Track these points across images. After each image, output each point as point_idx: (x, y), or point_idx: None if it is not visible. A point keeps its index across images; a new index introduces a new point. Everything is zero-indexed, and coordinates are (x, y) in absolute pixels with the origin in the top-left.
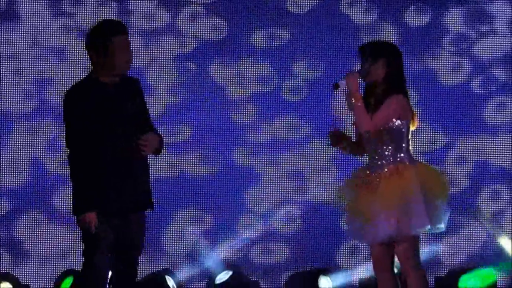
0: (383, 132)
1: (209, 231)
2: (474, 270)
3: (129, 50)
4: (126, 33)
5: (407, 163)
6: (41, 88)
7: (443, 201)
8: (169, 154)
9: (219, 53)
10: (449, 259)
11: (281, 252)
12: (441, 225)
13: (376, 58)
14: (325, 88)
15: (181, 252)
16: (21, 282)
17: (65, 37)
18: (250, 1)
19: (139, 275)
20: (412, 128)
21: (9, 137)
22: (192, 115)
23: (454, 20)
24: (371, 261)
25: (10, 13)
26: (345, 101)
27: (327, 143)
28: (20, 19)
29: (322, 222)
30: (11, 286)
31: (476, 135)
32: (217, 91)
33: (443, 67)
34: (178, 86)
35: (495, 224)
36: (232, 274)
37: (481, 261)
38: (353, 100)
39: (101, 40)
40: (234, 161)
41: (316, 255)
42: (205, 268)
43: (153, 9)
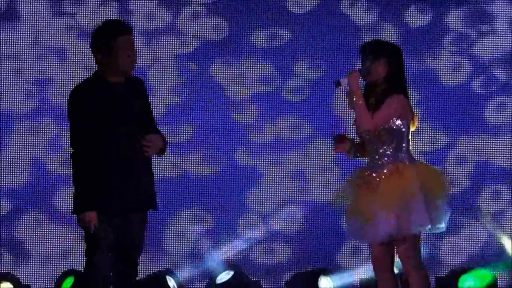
0: (383, 132)
1: (211, 231)
2: (472, 270)
3: (133, 50)
4: (130, 33)
5: (407, 163)
6: (42, 88)
7: (443, 201)
8: (171, 154)
9: (220, 53)
10: (450, 259)
11: (282, 252)
12: (441, 225)
13: (377, 57)
14: (326, 88)
15: (182, 252)
16: (22, 282)
17: (66, 37)
18: (251, 1)
19: (140, 275)
20: (412, 129)
21: (10, 137)
22: (193, 115)
23: (454, 20)
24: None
25: (11, 12)
26: (346, 99)
27: (330, 144)
28: (21, 19)
29: (324, 222)
30: (12, 286)
31: (477, 135)
32: (219, 91)
33: (443, 67)
34: (179, 86)
35: (495, 224)
36: (233, 274)
37: (480, 261)
38: (354, 98)
39: (105, 40)
40: (236, 161)
41: (317, 255)
42: (206, 268)
43: (154, 9)
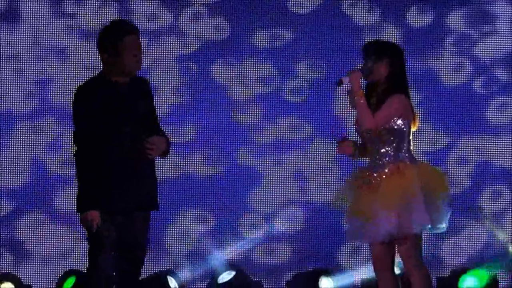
0: (384, 132)
1: (212, 231)
2: (471, 270)
3: (139, 50)
4: (137, 33)
5: (408, 163)
6: (43, 88)
7: (444, 201)
8: (172, 154)
9: (221, 54)
10: (451, 259)
11: (283, 252)
12: (442, 225)
13: (379, 57)
14: (327, 89)
15: (184, 252)
16: (23, 283)
17: (66, 37)
18: (252, 2)
19: (141, 275)
20: (413, 129)
21: (11, 137)
22: (194, 116)
23: (456, 20)
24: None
25: (11, 13)
26: (347, 98)
27: (331, 145)
28: (21, 19)
29: (325, 222)
30: (13, 286)
31: (478, 135)
32: (219, 91)
33: (445, 67)
34: (180, 87)
35: (496, 225)
36: (235, 274)
37: (480, 261)
38: (355, 97)
39: (112, 39)
40: (237, 162)
41: (318, 255)
42: (207, 269)
43: (155, 9)
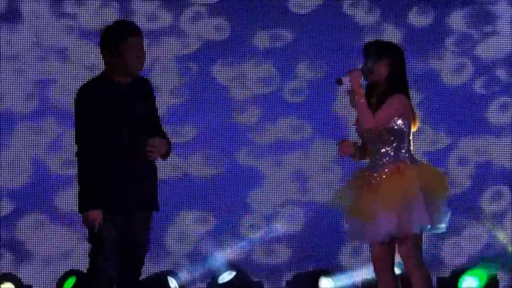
0: (385, 132)
1: (212, 231)
2: (471, 270)
3: (141, 51)
4: (140, 34)
5: (408, 163)
6: (44, 89)
7: (444, 201)
8: (173, 154)
9: (222, 54)
10: (451, 259)
11: (284, 252)
12: (441, 225)
13: (380, 57)
14: (328, 89)
15: (184, 253)
16: (23, 283)
17: (66, 38)
18: (252, 2)
19: (141, 276)
20: (413, 129)
21: (12, 137)
22: (194, 116)
23: (457, 20)
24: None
25: (12, 14)
26: (347, 98)
27: (331, 145)
28: (21, 20)
29: (325, 223)
30: (13, 286)
31: (479, 135)
32: (220, 92)
33: (446, 67)
34: (180, 87)
35: (497, 225)
36: (235, 274)
37: (480, 261)
38: (356, 97)
39: (114, 39)
40: (237, 162)
41: (319, 256)
42: (208, 269)
43: (156, 10)
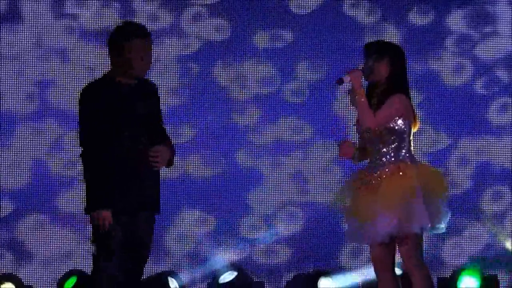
0: (385, 132)
1: (212, 232)
2: (470, 270)
3: (147, 53)
4: (146, 36)
5: (408, 163)
6: (44, 89)
7: (443, 201)
8: None
9: (222, 55)
10: (451, 259)
11: (284, 253)
12: (441, 225)
13: (380, 57)
14: (328, 90)
15: (184, 253)
16: (24, 283)
17: (68, 38)
18: (253, 2)
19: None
20: (413, 130)
21: (12, 138)
22: (195, 116)
23: (457, 21)
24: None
25: (13, 14)
26: (348, 97)
27: (332, 146)
28: (23, 20)
29: (325, 223)
30: (14, 287)
31: (479, 136)
32: (220, 92)
33: (446, 68)
34: (180, 87)
35: (497, 225)
36: (236, 274)
37: (480, 261)
38: (356, 96)
39: (119, 40)
40: (238, 163)
41: (319, 256)
42: (208, 269)
43: (156, 10)
